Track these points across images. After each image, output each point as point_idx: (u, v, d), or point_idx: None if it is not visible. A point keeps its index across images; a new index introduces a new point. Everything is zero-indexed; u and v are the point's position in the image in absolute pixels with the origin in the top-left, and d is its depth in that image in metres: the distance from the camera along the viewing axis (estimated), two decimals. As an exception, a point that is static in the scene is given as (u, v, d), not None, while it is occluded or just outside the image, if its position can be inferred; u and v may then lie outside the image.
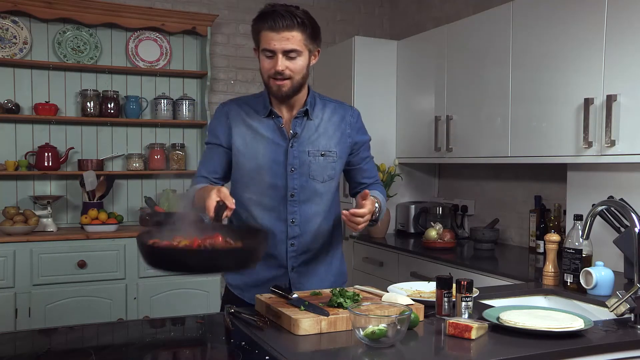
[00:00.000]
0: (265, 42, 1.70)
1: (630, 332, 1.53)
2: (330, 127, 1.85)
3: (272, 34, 1.68)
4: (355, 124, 1.91)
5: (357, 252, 3.69)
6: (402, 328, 1.35)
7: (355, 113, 1.93)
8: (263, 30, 1.70)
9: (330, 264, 1.95)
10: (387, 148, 3.81)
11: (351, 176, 1.99)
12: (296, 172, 1.80)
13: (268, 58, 1.72)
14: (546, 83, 2.65)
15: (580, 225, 2.02)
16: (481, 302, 1.80)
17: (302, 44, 1.71)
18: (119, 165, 3.97)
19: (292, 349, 1.35)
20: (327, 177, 1.84)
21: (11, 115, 3.59)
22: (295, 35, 1.69)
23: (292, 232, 1.83)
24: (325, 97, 1.92)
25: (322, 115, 1.86)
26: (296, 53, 1.71)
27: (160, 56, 3.98)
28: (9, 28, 3.64)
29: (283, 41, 1.68)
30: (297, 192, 1.81)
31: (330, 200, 1.89)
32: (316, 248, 1.89)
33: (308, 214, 1.84)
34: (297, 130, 1.81)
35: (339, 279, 1.98)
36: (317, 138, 1.83)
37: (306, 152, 1.81)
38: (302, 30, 1.70)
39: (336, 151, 1.85)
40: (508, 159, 2.87)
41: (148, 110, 3.98)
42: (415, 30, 4.11)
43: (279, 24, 1.67)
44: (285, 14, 1.68)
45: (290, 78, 1.73)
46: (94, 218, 3.59)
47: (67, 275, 3.34)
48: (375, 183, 2.00)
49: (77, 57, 3.79)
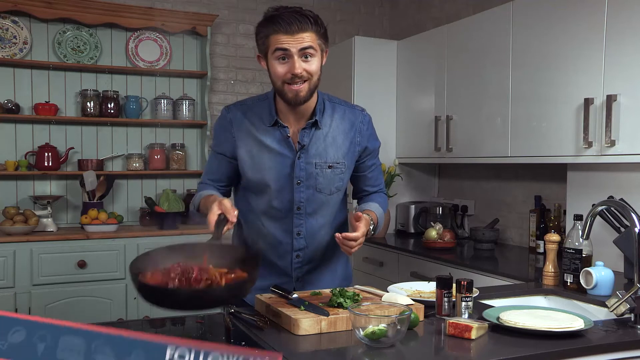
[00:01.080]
0: (277, 43, 1.61)
1: (630, 332, 1.53)
2: (339, 135, 1.78)
3: (285, 37, 1.60)
4: (365, 131, 1.84)
5: (357, 252, 3.67)
6: (402, 328, 1.35)
7: (366, 119, 1.86)
8: (274, 34, 1.61)
9: (335, 271, 1.92)
10: (387, 148, 3.80)
11: (355, 182, 1.94)
12: (302, 184, 1.75)
13: (281, 62, 1.63)
14: (546, 83, 2.65)
15: (580, 225, 2.02)
16: (481, 302, 1.80)
17: (317, 43, 1.64)
18: (119, 165, 3.97)
19: (292, 349, 1.35)
20: (334, 190, 1.80)
21: (11, 115, 3.59)
22: (310, 35, 1.62)
23: (298, 245, 1.80)
24: (335, 98, 1.85)
25: (331, 122, 1.78)
26: (313, 51, 1.63)
27: (160, 56, 3.98)
28: (9, 28, 3.64)
29: (298, 40, 1.60)
30: (304, 205, 1.77)
31: (337, 210, 1.86)
32: (321, 257, 1.86)
33: (314, 226, 1.80)
34: (305, 141, 1.74)
35: (344, 282, 1.95)
36: (325, 149, 1.76)
37: (313, 164, 1.75)
38: (316, 30, 1.63)
39: (344, 162, 1.79)
40: (508, 159, 2.87)
41: (148, 110, 3.98)
42: (415, 30, 4.11)
43: (293, 27, 1.59)
44: (297, 15, 1.61)
45: (307, 80, 1.65)
46: (94, 218, 3.59)
47: (67, 275, 3.34)
48: (378, 192, 1.96)
49: (77, 57, 3.79)
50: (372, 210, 1.81)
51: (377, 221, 1.80)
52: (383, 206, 1.92)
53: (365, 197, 1.95)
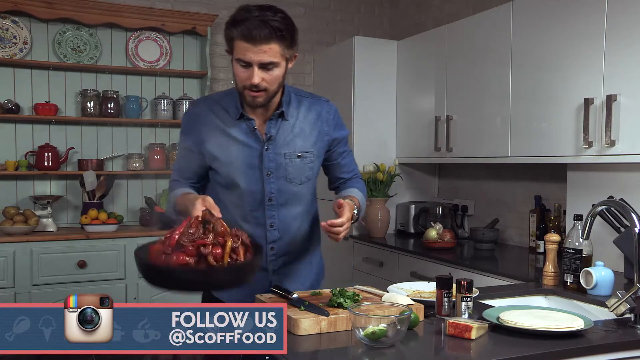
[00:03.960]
0: (240, 53, 1.60)
1: (630, 332, 1.53)
2: (306, 126, 1.79)
3: (248, 45, 1.58)
4: (332, 120, 1.84)
5: (357, 252, 3.69)
6: (402, 328, 1.35)
7: (332, 109, 1.86)
8: (238, 39, 1.60)
9: (311, 263, 1.93)
10: (387, 148, 3.81)
11: (330, 171, 1.94)
12: (272, 175, 1.75)
13: (243, 68, 1.62)
14: (546, 83, 2.65)
15: (580, 225, 2.02)
16: (481, 302, 1.80)
17: (279, 55, 1.61)
18: (119, 165, 3.97)
19: (292, 349, 1.35)
20: (304, 179, 1.80)
21: (11, 115, 3.59)
22: (272, 47, 1.58)
23: (272, 237, 1.80)
24: (300, 91, 1.86)
25: (298, 114, 1.79)
26: (273, 65, 1.61)
27: (160, 56, 3.98)
28: (9, 28, 3.64)
29: (260, 54, 1.58)
30: (275, 196, 1.77)
31: (309, 200, 1.86)
32: (296, 249, 1.87)
33: (287, 217, 1.81)
34: (272, 132, 1.75)
35: (319, 276, 1.97)
36: (293, 139, 1.77)
37: (282, 155, 1.75)
38: (280, 42, 1.59)
39: (313, 151, 1.80)
40: (508, 159, 2.87)
41: (148, 110, 3.98)
42: (415, 30, 4.11)
43: (255, 36, 1.56)
44: (261, 24, 1.56)
45: (265, 90, 1.64)
46: (94, 218, 3.59)
47: (67, 275, 3.34)
48: (354, 177, 1.96)
49: (77, 57, 3.78)
50: (353, 196, 1.81)
51: (360, 205, 1.80)
52: (362, 190, 1.92)
53: (342, 185, 1.95)
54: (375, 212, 3.61)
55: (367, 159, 3.71)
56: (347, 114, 3.79)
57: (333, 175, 1.95)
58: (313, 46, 4.33)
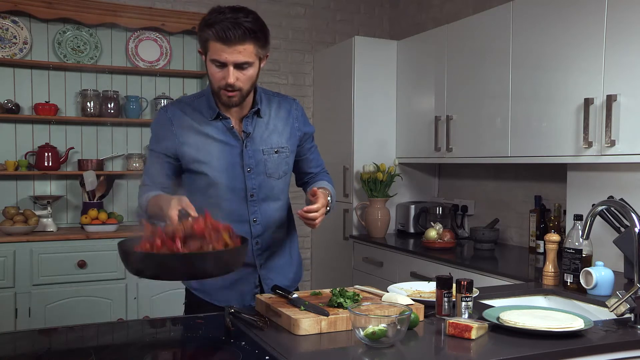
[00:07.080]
0: (214, 54, 1.64)
1: (630, 332, 1.53)
2: (279, 122, 1.85)
3: (223, 45, 1.61)
4: (301, 117, 1.91)
5: (357, 252, 3.69)
6: (402, 328, 1.35)
7: (299, 106, 1.94)
8: (212, 40, 1.63)
9: (291, 256, 1.97)
10: (387, 148, 3.81)
11: (299, 167, 1.99)
12: (253, 171, 1.80)
13: (218, 68, 1.66)
14: (546, 83, 2.65)
15: (580, 225, 2.02)
16: (481, 302, 1.80)
17: (253, 55, 1.66)
18: (119, 165, 3.97)
19: (292, 349, 1.35)
20: (282, 173, 1.86)
21: (11, 115, 3.59)
22: (247, 48, 1.63)
23: (256, 231, 1.84)
24: (268, 90, 1.92)
25: (270, 111, 1.85)
26: (248, 65, 1.66)
27: (160, 56, 3.98)
28: (9, 28, 3.64)
29: (235, 54, 1.62)
30: (256, 192, 1.81)
31: (286, 195, 1.92)
32: (278, 242, 1.91)
33: (268, 211, 1.85)
34: (249, 129, 1.80)
35: (300, 268, 2.01)
36: (269, 135, 1.83)
37: (260, 151, 1.81)
38: (254, 42, 1.64)
39: (288, 146, 1.86)
40: (508, 159, 2.87)
41: (148, 110, 3.98)
42: (415, 30, 4.11)
43: (230, 37, 1.60)
44: (235, 25, 1.60)
45: (240, 89, 1.69)
46: (94, 218, 3.59)
47: (67, 275, 3.34)
48: (322, 172, 2.02)
49: (77, 57, 3.79)
50: (325, 187, 1.85)
51: (332, 196, 1.84)
52: (331, 183, 1.98)
53: (310, 179, 2.00)
54: (375, 212, 3.61)
55: (367, 159, 3.71)
56: (347, 114, 3.79)
57: (302, 170, 2.00)
58: (313, 46, 4.34)
